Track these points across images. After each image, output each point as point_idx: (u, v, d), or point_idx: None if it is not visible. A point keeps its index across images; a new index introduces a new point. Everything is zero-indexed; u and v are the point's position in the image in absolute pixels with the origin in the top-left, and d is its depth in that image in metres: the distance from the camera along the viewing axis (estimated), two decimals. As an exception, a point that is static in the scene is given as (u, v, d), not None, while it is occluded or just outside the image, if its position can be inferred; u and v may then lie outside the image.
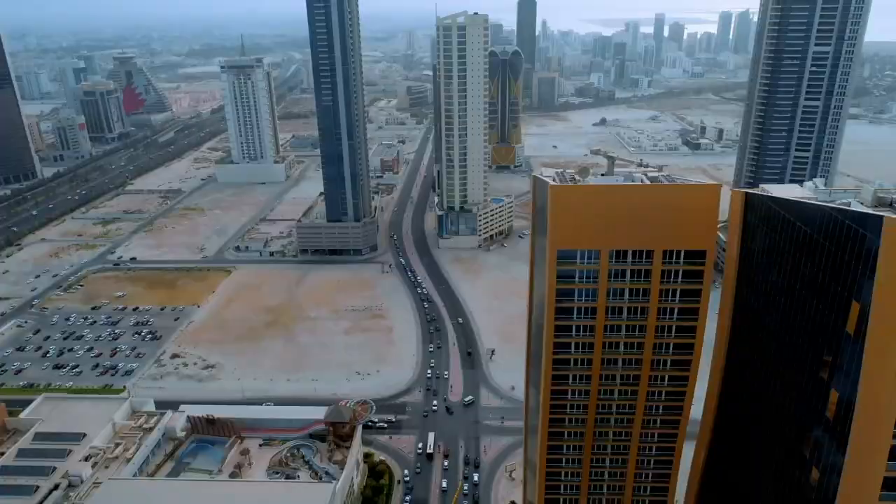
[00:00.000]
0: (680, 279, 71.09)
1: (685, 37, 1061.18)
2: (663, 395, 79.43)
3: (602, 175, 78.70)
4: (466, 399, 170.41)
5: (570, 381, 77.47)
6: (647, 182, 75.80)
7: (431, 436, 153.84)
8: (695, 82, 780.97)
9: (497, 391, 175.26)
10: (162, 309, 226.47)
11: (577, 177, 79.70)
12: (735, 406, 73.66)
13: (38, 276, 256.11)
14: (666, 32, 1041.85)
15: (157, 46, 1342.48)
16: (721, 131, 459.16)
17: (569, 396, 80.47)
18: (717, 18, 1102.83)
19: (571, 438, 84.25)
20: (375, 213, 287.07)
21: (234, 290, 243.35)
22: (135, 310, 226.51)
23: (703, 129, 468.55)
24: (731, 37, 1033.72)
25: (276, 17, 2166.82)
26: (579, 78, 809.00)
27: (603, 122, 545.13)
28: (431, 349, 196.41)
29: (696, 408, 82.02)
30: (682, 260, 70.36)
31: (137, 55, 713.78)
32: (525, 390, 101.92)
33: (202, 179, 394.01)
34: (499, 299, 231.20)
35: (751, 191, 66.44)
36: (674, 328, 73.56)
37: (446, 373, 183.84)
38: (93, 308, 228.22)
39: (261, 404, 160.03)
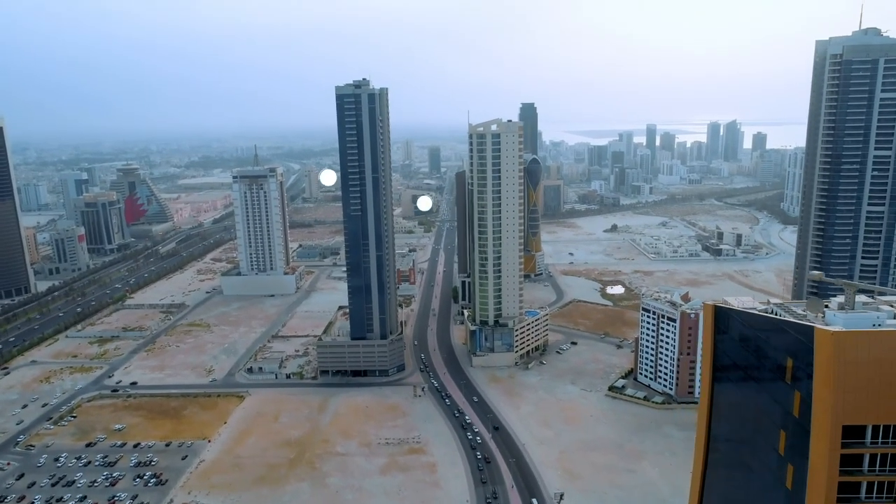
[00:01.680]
0: None
1: (675, 145, 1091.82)
2: None
3: (841, 309, 58.68)
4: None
5: None
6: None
7: None
8: (694, 188, 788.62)
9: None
10: (167, 445, 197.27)
11: (800, 310, 59.49)
12: None
13: (24, 406, 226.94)
14: (657, 142, 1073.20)
15: (156, 159, 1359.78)
16: (739, 237, 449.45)
17: None
18: (704, 129, 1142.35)
19: None
20: (403, 330, 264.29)
21: (249, 419, 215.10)
22: (135, 446, 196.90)
23: (721, 234, 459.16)
24: (720, 146, 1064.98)
25: (270, 130, 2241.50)
26: (578, 185, 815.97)
27: (614, 228, 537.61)
28: (488, 499, 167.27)
29: None
30: None
31: (138, 167, 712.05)
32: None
33: (207, 292, 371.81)
34: (549, 427, 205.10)
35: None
36: None
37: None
38: (87, 445, 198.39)
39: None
